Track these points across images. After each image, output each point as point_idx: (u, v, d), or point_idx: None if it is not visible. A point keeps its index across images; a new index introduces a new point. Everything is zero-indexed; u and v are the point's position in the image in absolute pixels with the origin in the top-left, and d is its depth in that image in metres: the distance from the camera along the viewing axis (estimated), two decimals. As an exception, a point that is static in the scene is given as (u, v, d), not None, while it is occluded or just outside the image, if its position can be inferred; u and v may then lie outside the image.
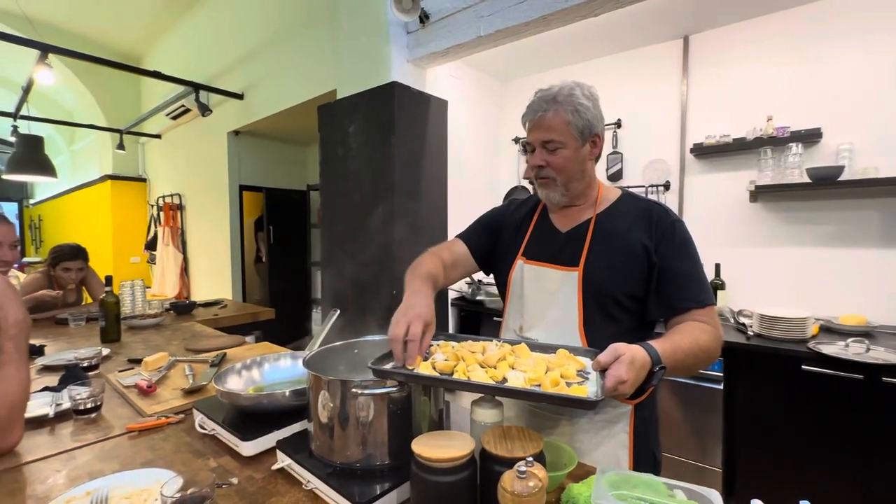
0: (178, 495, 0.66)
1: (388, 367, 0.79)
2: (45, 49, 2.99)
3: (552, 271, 1.00)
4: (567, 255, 0.99)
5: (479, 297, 2.92)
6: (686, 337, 0.84)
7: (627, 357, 0.70)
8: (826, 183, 2.09)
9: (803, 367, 1.77)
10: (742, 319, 2.18)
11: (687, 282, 0.91)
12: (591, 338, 0.94)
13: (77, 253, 2.57)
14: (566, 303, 0.97)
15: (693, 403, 2.05)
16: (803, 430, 1.81)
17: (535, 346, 0.87)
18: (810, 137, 2.22)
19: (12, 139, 4.03)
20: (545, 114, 0.95)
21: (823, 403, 1.77)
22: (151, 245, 5.38)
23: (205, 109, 3.78)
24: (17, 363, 0.91)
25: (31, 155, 3.70)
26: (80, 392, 1.09)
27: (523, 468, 0.51)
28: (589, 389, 0.70)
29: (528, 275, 1.04)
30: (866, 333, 1.94)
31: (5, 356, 0.90)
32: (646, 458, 0.99)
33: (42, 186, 8.85)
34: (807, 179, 2.15)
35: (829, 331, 2.04)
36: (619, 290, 0.94)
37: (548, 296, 1.00)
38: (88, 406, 1.09)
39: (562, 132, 0.95)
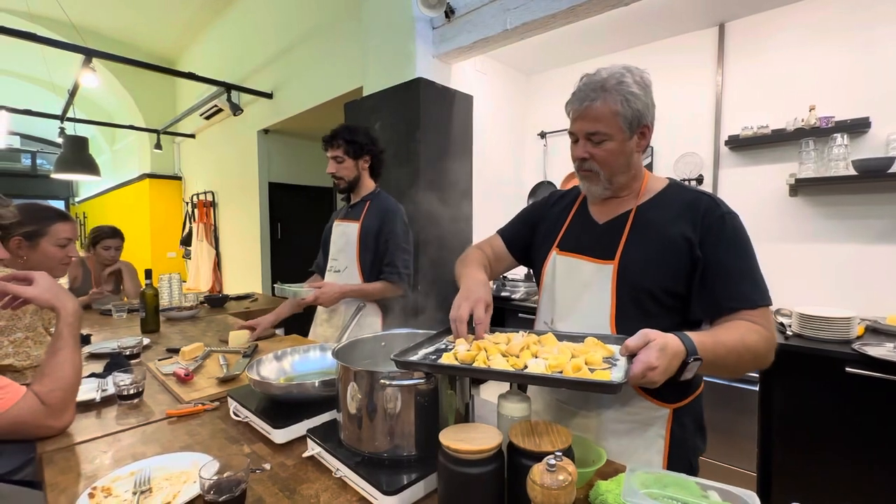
0: (216, 478, 0.69)
1: (414, 357, 0.79)
2: (89, 54, 3.14)
3: (586, 263, 0.95)
4: (603, 247, 0.94)
5: (503, 293, 2.91)
6: (731, 333, 0.78)
7: (659, 343, 0.67)
8: (874, 175, 1.97)
9: (847, 369, 1.68)
10: (780, 318, 2.09)
11: (738, 279, 0.83)
12: (624, 334, 0.89)
13: (115, 232, 2.73)
14: (599, 296, 0.92)
15: (727, 404, 1.98)
16: (846, 434, 1.72)
17: (563, 336, 0.86)
18: (857, 127, 2.09)
19: (59, 140, 4.27)
20: (592, 103, 0.88)
21: (869, 408, 1.67)
22: (186, 241, 5.60)
23: (236, 109, 3.90)
24: (72, 348, 0.98)
25: (77, 155, 3.91)
26: (123, 379, 1.14)
27: (553, 461, 0.50)
28: (613, 375, 0.67)
29: (561, 266, 1.00)
30: (918, 335, 1.83)
31: (62, 341, 0.97)
32: (681, 467, 0.91)
33: (86, 185, 9.34)
34: (853, 172, 2.03)
35: (876, 332, 1.93)
36: (655, 284, 0.88)
37: (580, 288, 0.96)
38: (131, 392, 1.15)
39: (609, 123, 0.88)
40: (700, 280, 0.86)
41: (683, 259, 0.87)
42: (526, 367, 0.74)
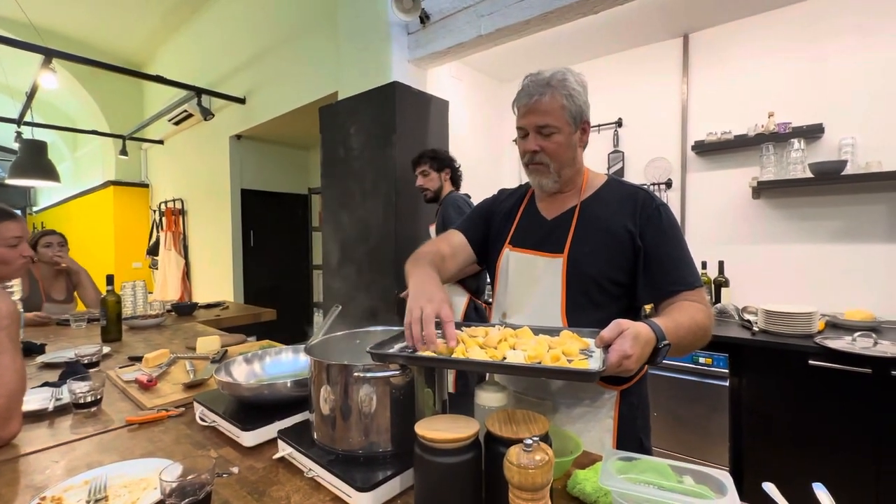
0: (178, 481, 0.65)
1: (388, 351, 0.78)
2: (49, 54, 3.02)
3: (537, 258, 1.00)
4: (552, 242, 1.00)
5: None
6: (684, 315, 0.83)
7: (632, 332, 0.69)
8: (829, 178, 2.08)
9: (810, 362, 1.75)
10: (747, 316, 2.16)
11: (676, 265, 0.92)
12: (574, 324, 0.93)
13: (52, 231, 2.59)
14: (550, 289, 0.97)
15: (698, 401, 2.03)
16: (812, 425, 1.79)
17: (539, 330, 0.86)
18: (812, 133, 2.21)
19: (15, 146, 4.05)
20: (541, 98, 0.93)
21: (832, 398, 1.74)
22: (153, 250, 5.39)
23: (207, 114, 3.80)
24: (12, 353, 0.91)
25: (35, 160, 3.71)
26: (79, 386, 1.08)
27: (530, 441, 0.50)
28: (591, 364, 0.68)
29: (514, 261, 1.04)
30: (873, 328, 1.91)
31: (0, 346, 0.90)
32: (632, 443, 0.98)
33: (45, 194, 8.90)
34: (809, 175, 2.14)
35: (836, 326, 2.02)
36: (602, 275, 0.94)
37: (532, 282, 1.00)
38: (88, 400, 1.08)
39: (557, 117, 0.94)
40: (643, 267, 0.93)
41: (626, 249, 0.94)
42: (505, 358, 0.73)
